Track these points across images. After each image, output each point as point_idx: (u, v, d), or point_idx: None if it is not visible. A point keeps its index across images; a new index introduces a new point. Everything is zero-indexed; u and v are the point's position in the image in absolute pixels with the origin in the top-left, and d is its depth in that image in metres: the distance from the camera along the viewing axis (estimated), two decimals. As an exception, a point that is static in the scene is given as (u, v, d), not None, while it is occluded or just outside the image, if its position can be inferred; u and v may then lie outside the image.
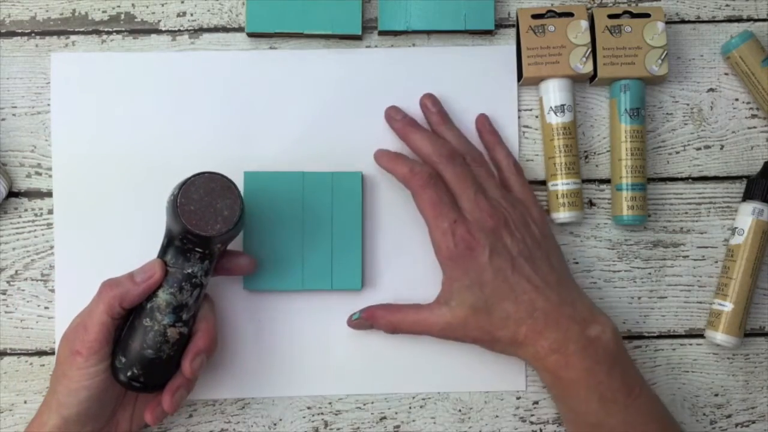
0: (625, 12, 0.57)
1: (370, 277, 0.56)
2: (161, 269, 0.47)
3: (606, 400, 0.49)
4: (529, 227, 0.53)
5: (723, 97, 0.59)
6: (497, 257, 0.51)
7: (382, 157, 0.55)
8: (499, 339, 0.51)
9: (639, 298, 0.58)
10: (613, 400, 0.49)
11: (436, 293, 0.53)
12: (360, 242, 0.55)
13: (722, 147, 0.58)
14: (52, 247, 0.56)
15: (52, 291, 0.56)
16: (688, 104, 0.58)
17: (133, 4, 0.58)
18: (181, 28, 0.58)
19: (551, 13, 0.57)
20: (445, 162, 0.53)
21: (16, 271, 0.56)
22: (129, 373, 0.47)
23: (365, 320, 0.54)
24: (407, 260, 0.56)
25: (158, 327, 0.47)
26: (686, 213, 0.58)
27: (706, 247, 0.58)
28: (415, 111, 0.57)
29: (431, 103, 0.56)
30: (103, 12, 0.58)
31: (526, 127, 0.58)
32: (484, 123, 0.57)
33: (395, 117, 0.56)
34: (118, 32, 0.58)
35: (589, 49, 0.56)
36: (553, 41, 0.56)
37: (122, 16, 0.58)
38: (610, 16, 0.56)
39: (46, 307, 0.56)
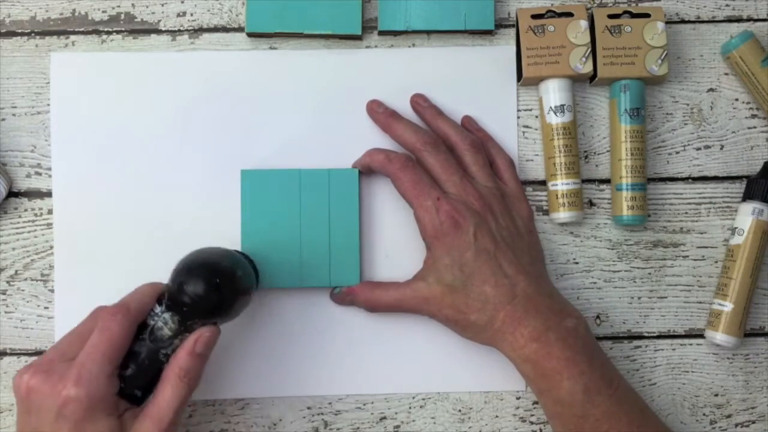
0: (625, 12, 0.57)
1: (368, 272, 0.56)
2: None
3: (590, 390, 0.48)
4: (515, 220, 0.54)
5: (723, 97, 0.58)
6: (481, 237, 0.50)
7: (361, 158, 0.55)
8: (474, 322, 0.51)
9: (639, 298, 0.58)
10: (597, 391, 0.48)
11: None
12: (357, 238, 0.55)
13: (722, 147, 0.58)
14: (51, 247, 0.56)
15: (52, 291, 0.56)
16: (688, 104, 0.58)
17: (133, 4, 0.58)
18: (181, 28, 0.58)
19: (551, 13, 0.57)
20: (430, 149, 0.53)
21: (16, 271, 0.56)
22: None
23: (345, 295, 0.55)
24: (405, 255, 0.56)
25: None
26: (686, 213, 0.58)
27: (706, 247, 0.58)
28: (413, 112, 0.57)
29: (422, 99, 0.57)
30: (103, 12, 0.58)
31: (526, 127, 0.58)
32: (470, 122, 0.57)
33: (377, 109, 0.56)
34: (118, 32, 0.58)
35: (589, 49, 0.56)
36: (553, 41, 0.56)
37: (122, 16, 0.58)
38: (610, 16, 0.56)
39: (46, 307, 0.56)
